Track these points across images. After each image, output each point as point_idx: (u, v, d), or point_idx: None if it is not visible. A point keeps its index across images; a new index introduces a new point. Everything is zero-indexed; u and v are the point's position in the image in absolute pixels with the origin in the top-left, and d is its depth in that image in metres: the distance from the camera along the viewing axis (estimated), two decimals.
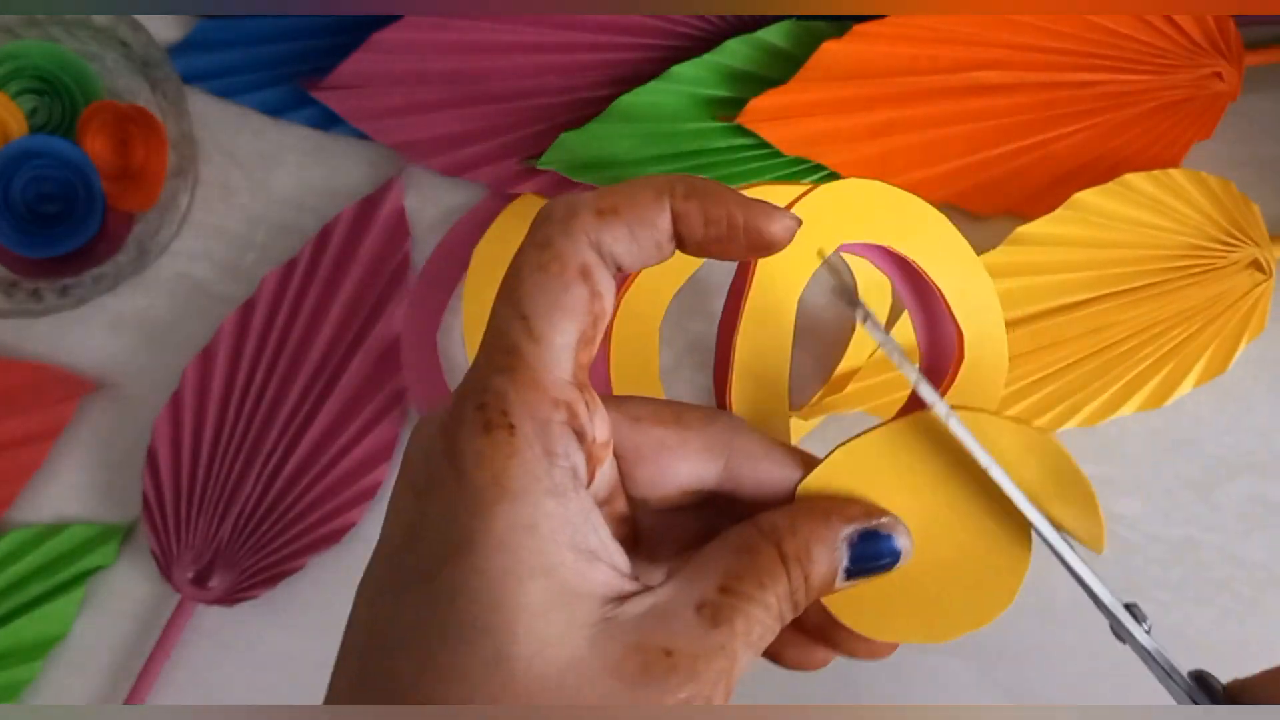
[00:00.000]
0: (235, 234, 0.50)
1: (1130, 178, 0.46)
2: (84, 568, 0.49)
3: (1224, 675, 0.48)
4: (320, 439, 0.49)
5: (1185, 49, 0.47)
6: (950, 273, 0.31)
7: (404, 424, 0.49)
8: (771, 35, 0.48)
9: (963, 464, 0.27)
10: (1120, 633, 0.27)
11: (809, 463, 0.28)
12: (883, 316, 0.49)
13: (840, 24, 0.47)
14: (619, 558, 0.25)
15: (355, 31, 0.49)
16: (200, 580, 0.48)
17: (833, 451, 0.27)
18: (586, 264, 0.24)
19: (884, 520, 0.27)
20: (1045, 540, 0.27)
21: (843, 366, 0.48)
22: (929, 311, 0.33)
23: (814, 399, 0.48)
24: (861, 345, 0.49)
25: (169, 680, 0.49)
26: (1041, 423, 0.47)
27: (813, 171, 0.49)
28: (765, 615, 0.24)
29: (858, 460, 0.27)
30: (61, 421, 0.49)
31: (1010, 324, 0.47)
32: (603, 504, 0.27)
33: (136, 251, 0.49)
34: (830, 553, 0.26)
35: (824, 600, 0.27)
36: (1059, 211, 0.47)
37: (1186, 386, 0.47)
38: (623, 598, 0.24)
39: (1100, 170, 0.48)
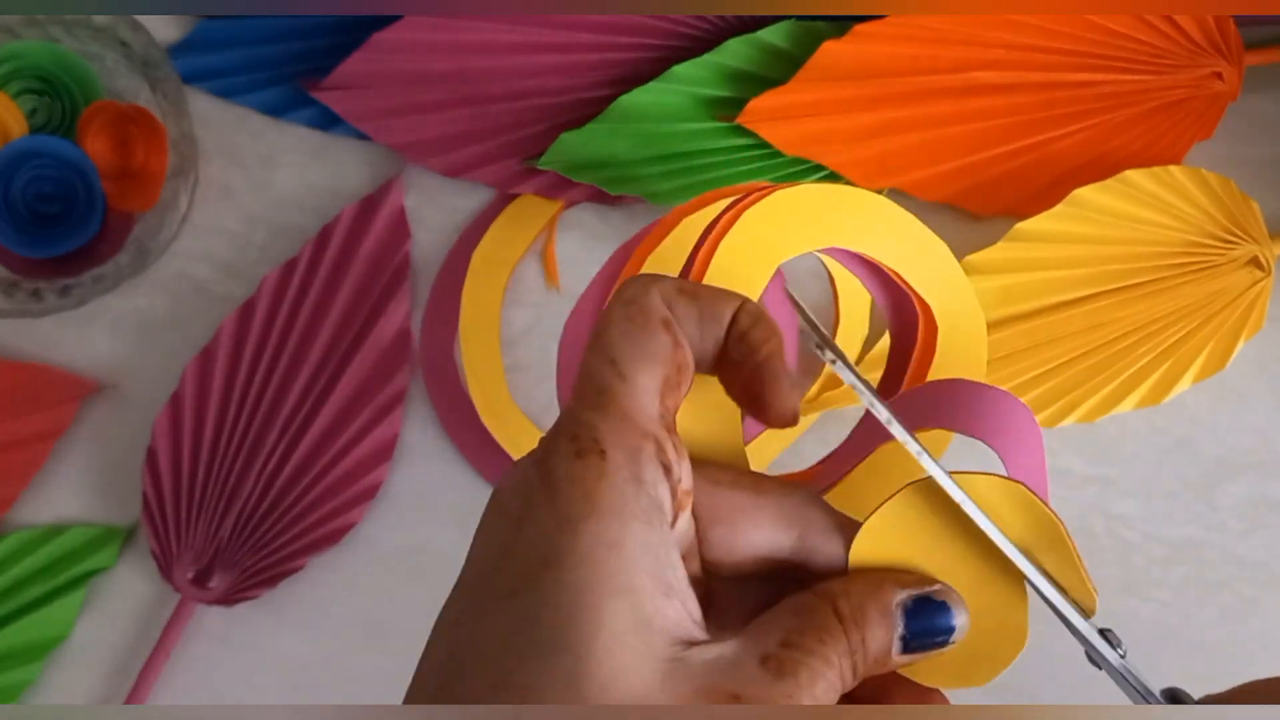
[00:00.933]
0: (235, 234, 0.50)
1: (1130, 174, 0.46)
2: (84, 570, 0.49)
3: (1225, 676, 0.48)
4: (320, 439, 0.49)
5: (1185, 49, 0.47)
6: (907, 255, 0.31)
7: (404, 424, 0.49)
8: (771, 35, 0.48)
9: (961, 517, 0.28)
10: (1095, 659, 0.27)
11: None
12: (862, 325, 0.48)
13: (840, 24, 0.47)
14: (692, 603, 0.25)
15: (355, 31, 0.49)
16: (200, 580, 0.48)
17: (872, 514, 0.28)
18: (668, 318, 0.26)
19: (936, 588, 0.27)
20: (1032, 584, 0.27)
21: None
22: (890, 291, 0.33)
23: (809, 394, 0.48)
24: (848, 337, 0.48)
25: (169, 680, 0.49)
26: (1040, 419, 0.47)
27: (813, 171, 0.49)
28: (827, 670, 0.25)
29: (897, 520, 0.27)
30: (63, 423, 0.49)
31: (1007, 320, 0.47)
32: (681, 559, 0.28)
33: (137, 252, 0.49)
34: (884, 616, 0.26)
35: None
36: (1058, 208, 0.47)
37: (1185, 383, 0.47)
38: (691, 643, 0.25)
39: (1100, 170, 0.48)
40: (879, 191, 0.49)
